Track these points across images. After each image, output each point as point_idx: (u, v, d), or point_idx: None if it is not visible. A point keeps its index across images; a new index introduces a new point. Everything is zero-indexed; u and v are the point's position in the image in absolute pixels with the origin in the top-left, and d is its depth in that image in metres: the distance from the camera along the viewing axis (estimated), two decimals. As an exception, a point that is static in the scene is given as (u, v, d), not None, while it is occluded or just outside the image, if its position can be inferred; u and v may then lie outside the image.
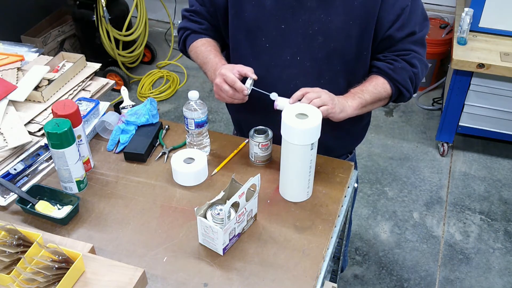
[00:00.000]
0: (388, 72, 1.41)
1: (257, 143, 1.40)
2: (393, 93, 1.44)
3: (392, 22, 1.36)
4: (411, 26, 1.38)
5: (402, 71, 1.41)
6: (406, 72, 1.41)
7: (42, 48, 2.90)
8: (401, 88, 1.42)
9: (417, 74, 1.43)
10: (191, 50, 1.54)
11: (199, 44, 1.51)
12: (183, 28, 1.56)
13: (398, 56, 1.42)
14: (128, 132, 1.52)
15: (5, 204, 1.31)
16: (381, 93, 1.42)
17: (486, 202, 2.68)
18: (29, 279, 1.04)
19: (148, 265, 1.17)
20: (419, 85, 1.48)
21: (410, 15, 1.37)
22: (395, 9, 1.35)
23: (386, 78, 1.42)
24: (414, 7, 1.38)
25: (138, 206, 1.33)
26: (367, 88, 1.40)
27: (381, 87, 1.41)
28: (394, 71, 1.41)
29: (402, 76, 1.41)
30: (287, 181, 1.33)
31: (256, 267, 1.17)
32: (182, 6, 4.25)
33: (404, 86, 1.43)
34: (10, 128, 1.49)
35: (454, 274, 2.32)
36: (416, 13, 1.39)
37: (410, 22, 1.38)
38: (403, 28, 1.37)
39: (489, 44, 2.59)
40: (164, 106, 3.38)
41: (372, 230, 2.53)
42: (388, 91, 1.43)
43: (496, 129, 2.81)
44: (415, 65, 1.42)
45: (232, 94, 1.33)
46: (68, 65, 1.76)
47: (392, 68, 1.41)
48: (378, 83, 1.41)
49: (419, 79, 1.46)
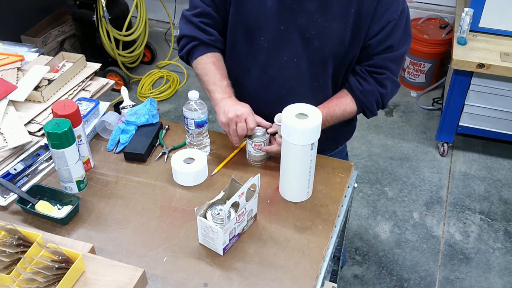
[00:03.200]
0: (356, 93, 1.44)
1: (251, 142, 1.40)
2: (357, 111, 1.48)
3: (375, 33, 1.36)
4: (391, 40, 1.38)
5: (370, 95, 1.44)
6: (373, 96, 1.44)
7: (42, 48, 2.90)
8: (365, 109, 1.47)
9: (384, 95, 1.46)
10: (198, 63, 1.47)
11: (209, 61, 1.45)
12: (190, 36, 1.47)
13: (371, 73, 1.43)
14: (128, 132, 1.52)
15: (5, 204, 1.31)
16: (345, 118, 1.47)
17: (486, 202, 2.68)
18: (29, 279, 1.04)
19: (148, 265, 1.17)
20: (386, 104, 1.50)
21: (393, 30, 1.37)
22: (382, 21, 1.35)
23: (354, 98, 1.45)
24: (399, 22, 1.38)
25: (138, 206, 1.33)
26: (336, 116, 1.44)
27: (348, 113, 1.46)
28: (362, 93, 1.44)
29: (368, 100, 1.45)
30: (287, 181, 1.33)
31: (256, 267, 1.17)
32: (182, 6, 4.26)
33: (369, 108, 1.47)
34: (10, 128, 1.49)
35: (454, 274, 2.32)
36: (399, 29, 1.38)
37: (391, 36, 1.38)
38: (383, 41, 1.38)
39: (489, 44, 2.59)
40: (164, 106, 3.38)
41: (372, 230, 2.53)
42: (353, 109, 1.46)
43: (496, 129, 2.81)
44: (385, 86, 1.44)
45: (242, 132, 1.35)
46: (68, 65, 1.76)
47: (361, 90, 1.43)
48: (344, 103, 1.45)
49: (387, 99, 1.48)
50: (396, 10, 1.35)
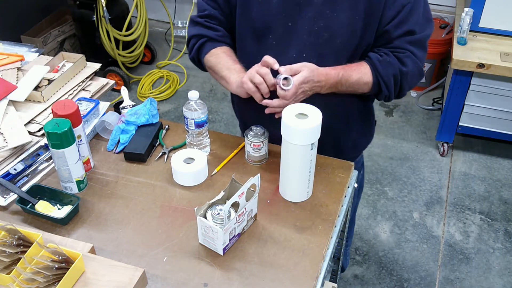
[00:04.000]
0: (374, 62, 1.38)
1: (249, 142, 1.40)
2: (373, 85, 1.40)
3: (391, 18, 1.34)
4: (409, 25, 1.35)
5: (388, 66, 1.37)
6: (391, 68, 1.37)
7: (42, 48, 2.90)
8: (380, 81, 1.38)
9: (405, 73, 1.39)
10: (210, 55, 1.46)
11: (220, 52, 1.45)
12: (198, 35, 1.48)
13: (391, 51, 1.38)
14: (128, 132, 1.52)
15: (5, 204, 1.31)
16: (360, 88, 1.39)
17: (486, 202, 2.68)
18: (29, 279, 1.04)
19: (148, 265, 1.17)
20: (406, 87, 1.43)
21: (411, 13, 1.34)
22: (396, 5, 1.32)
23: (371, 67, 1.38)
24: (416, 6, 1.35)
25: (138, 206, 1.33)
26: (351, 81, 1.37)
27: (364, 83, 1.38)
28: (381, 63, 1.37)
29: (386, 71, 1.37)
30: (287, 181, 1.33)
31: (256, 267, 1.17)
32: (182, 6, 4.27)
33: (385, 81, 1.38)
34: (10, 128, 1.49)
35: (454, 274, 2.32)
36: (417, 12, 1.35)
37: (409, 20, 1.35)
38: (401, 26, 1.35)
39: (489, 44, 2.59)
40: (164, 106, 3.38)
41: (372, 230, 2.53)
42: (369, 80, 1.39)
43: (496, 129, 2.81)
44: (405, 63, 1.38)
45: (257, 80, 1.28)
46: (68, 65, 1.76)
47: (379, 60, 1.37)
48: (362, 71, 1.38)
49: (407, 79, 1.41)
50: None
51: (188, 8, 3.95)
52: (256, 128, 1.41)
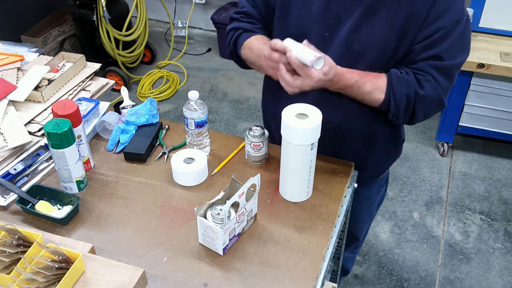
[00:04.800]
0: (392, 76, 1.30)
1: (249, 142, 1.40)
2: (384, 102, 1.32)
3: (423, 38, 1.27)
4: (438, 50, 1.27)
5: (404, 84, 1.29)
6: (407, 87, 1.29)
7: (42, 48, 2.90)
8: (391, 97, 1.30)
9: (421, 96, 1.29)
10: (244, 47, 1.41)
11: (253, 40, 1.40)
12: (234, 28, 1.46)
13: (413, 72, 1.30)
14: (128, 132, 1.52)
15: (5, 204, 1.31)
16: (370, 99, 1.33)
17: (486, 202, 2.68)
18: (29, 279, 1.04)
19: (148, 265, 1.17)
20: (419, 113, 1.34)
21: (444, 38, 1.26)
22: (432, 27, 1.25)
23: (388, 82, 1.31)
24: (453, 32, 1.26)
25: (138, 206, 1.33)
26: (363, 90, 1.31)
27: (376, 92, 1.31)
28: (398, 79, 1.30)
29: (400, 88, 1.29)
30: (287, 181, 1.33)
31: (256, 267, 1.17)
32: (182, 6, 4.28)
33: (396, 98, 1.30)
34: (10, 128, 1.49)
35: (454, 274, 2.32)
36: (451, 39, 1.26)
37: (440, 45, 1.27)
38: (428, 48, 1.27)
39: (489, 44, 2.59)
40: (164, 106, 3.38)
41: (372, 230, 2.53)
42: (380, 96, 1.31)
43: (496, 129, 2.81)
44: (423, 86, 1.29)
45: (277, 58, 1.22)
46: (68, 65, 1.76)
47: (398, 76, 1.30)
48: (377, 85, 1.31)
49: (422, 104, 1.31)
50: (450, 19, 1.25)
51: (188, 8, 3.95)
52: (256, 128, 1.41)
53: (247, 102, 3.41)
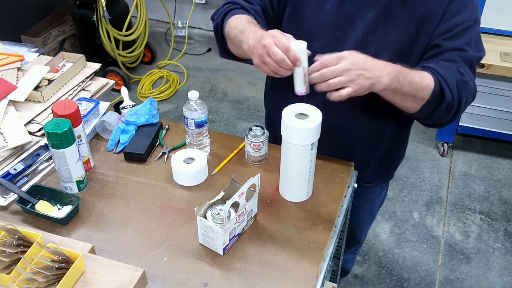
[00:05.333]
0: (433, 67, 1.24)
1: (249, 142, 1.40)
2: (434, 91, 1.22)
3: (442, 32, 1.26)
4: (460, 42, 1.26)
5: (449, 70, 1.24)
6: (453, 73, 1.24)
7: (42, 48, 2.90)
8: (444, 85, 1.22)
9: (466, 82, 1.25)
10: (230, 21, 1.32)
11: (243, 18, 1.31)
12: (232, 2, 1.38)
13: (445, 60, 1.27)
14: (128, 132, 1.52)
15: (5, 204, 1.31)
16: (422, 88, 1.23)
17: (486, 202, 2.68)
18: (29, 279, 1.04)
19: (148, 265, 1.17)
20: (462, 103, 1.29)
21: (464, 32, 1.26)
22: (449, 24, 1.25)
23: (431, 72, 1.24)
24: (471, 29, 1.27)
25: (138, 206, 1.33)
26: (412, 75, 1.21)
27: (425, 83, 1.22)
28: (440, 67, 1.24)
29: (449, 74, 1.23)
30: (287, 181, 1.33)
31: (256, 267, 1.17)
32: (182, 6, 4.27)
33: (449, 84, 1.22)
34: (10, 128, 1.49)
35: (454, 274, 2.32)
36: (470, 34, 1.27)
37: (460, 38, 1.26)
38: (452, 40, 1.25)
39: (489, 44, 2.59)
40: (164, 106, 3.38)
41: (372, 230, 2.53)
42: (430, 88, 1.23)
43: (496, 129, 2.81)
44: (462, 73, 1.26)
45: (280, 59, 1.12)
46: (68, 65, 1.76)
47: (438, 65, 1.25)
48: (424, 75, 1.23)
49: (466, 92, 1.27)
50: (467, 16, 1.25)
51: (188, 8, 3.95)
52: (256, 128, 1.41)
53: (247, 102, 3.41)
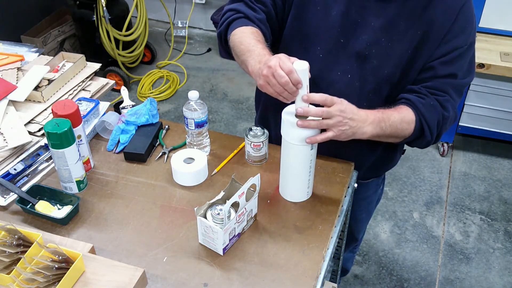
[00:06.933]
0: (417, 105, 1.29)
1: (249, 142, 1.40)
2: (415, 130, 1.31)
3: (440, 55, 1.28)
4: (455, 68, 1.29)
5: (433, 110, 1.29)
6: (436, 113, 1.30)
7: (42, 48, 2.90)
8: (425, 126, 1.30)
9: (446, 118, 1.31)
10: (235, 34, 1.31)
11: (248, 31, 1.30)
12: (235, 10, 1.36)
13: (431, 93, 1.31)
14: (128, 132, 1.52)
15: (5, 204, 1.31)
16: (403, 129, 1.31)
17: (486, 202, 2.68)
18: (29, 279, 1.04)
19: (148, 265, 1.17)
20: (442, 134, 1.35)
21: (460, 57, 1.29)
22: (449, 46, 1.27)
23: (414, 110, 1.30)
24: (466, 53, 1.30)
25: (138, 206, 1.33)
26: (393, 120, 1.28)
27: (406, 123, 1.30)
28: (424, 106, 1.29)
29: (431, 114, 1.29)
30: (287, 181, 1.33)
31: (256, 267, 1.17)
32: (182, 6, 4.27)
33: (429, 125, 1.30)
34: (10, 128, 1.49)
35: (454, 274, 2.32)
36: (465, 59, 1.31)
37: (456, 63, 1.29)
38: (447, 65, 1.29)
39: (489, 44, 2.59)
40: (164, 106, 3.38)
41: (372, 230, 2.53)
42: (411, 128, 1.31)
43: (496, 129, 2.81)
44: (447, 108, 1.31)
45: (285, 82, 1.13)
46: (68, 65, 1.76)
47: (423, 103, 1.29)
48: (405, 116, 1.29)
49: (446, 125, 1.34)
50: (465, 40, 1.28)
51: (188, 8, 3.95)
52: (256, 128, 1.41)
53: (247, 102, 3.41)
